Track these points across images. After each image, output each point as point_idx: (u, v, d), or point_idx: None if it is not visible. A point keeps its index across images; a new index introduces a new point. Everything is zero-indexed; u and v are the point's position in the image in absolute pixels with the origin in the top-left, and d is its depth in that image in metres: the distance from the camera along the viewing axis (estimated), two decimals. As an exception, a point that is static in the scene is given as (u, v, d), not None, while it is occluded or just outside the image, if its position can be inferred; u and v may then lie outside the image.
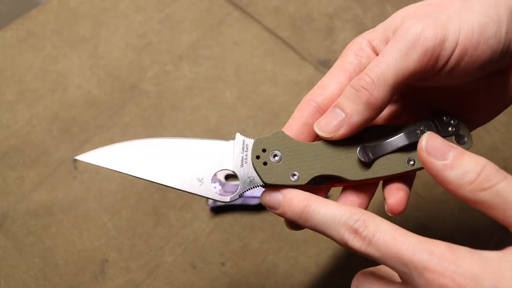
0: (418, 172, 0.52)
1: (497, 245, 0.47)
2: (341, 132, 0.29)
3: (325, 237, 0.49)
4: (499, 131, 0.53)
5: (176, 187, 0.29)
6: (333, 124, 0.29)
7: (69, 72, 0.56)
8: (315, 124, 0.30)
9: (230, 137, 0.53)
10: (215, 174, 0.48)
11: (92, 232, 0.48)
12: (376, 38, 0.30)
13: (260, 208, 0.49)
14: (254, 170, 0.29)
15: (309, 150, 0.30)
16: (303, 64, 0.57)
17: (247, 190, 0.30)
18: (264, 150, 0.30)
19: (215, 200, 0.30)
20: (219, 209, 0.49)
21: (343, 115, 0.28)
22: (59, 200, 0.49)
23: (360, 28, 0.58)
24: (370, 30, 0.31)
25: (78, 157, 0.30)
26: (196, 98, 0.55)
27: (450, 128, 0.32)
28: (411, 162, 0.31)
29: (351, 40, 0.32)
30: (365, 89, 0.27)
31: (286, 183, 0.29)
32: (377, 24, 0.31)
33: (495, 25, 0.27)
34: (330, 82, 0.31)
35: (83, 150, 0.51)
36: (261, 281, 0.46)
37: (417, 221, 0.48)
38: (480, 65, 0.28)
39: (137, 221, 0.48)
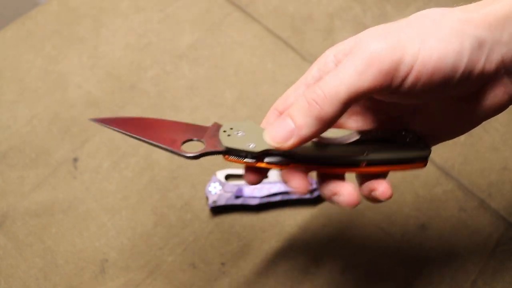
0: (418, 172, 0.52)
1: (497, 245, 0.47)
2: (290, 143, 0.29)
3: (325, 237, 0.49)
4: (498, 131, 0.53)
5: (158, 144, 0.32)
6: (282, 134, 0.29)
7: (69, 72, 0.56)
8: (264, 132, 0.31)
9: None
10: (214, 174, 0.49)
11: (92, 232, 0.48)
12: (341, 52, 0.31)
13: (260, 208, 0.49)
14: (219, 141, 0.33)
15: None
16: (303, 64, 0.57)
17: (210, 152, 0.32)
18: (231, 129, 0.34)
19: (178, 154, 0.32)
20: (219, 209, 0.49)
21: (293, 126, 0.28)
22: (59, 200, 0.49)
23: (360, 28, 0.58)
24: (341, 42, 0.31)
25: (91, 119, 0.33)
26: (196, 98, 0.55)
27: (407, 139, 0.33)
28: (365, 153, 0.32)
29: None
30: (316, 103, 0.27)
31: (243, 148, 0.32)
32: (377, 24, 0.31)
33: (455, 55, 0.27)
34: (291, 95, 0.32)
35: (83, 150, 0.52)
36: (261, 281, 0.46)
37: (417, 221, 0.48)
38: (435, 91, 0.28)
39: (137, 221, 0.48)
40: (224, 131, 0.34)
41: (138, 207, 0.49)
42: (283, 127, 0.29)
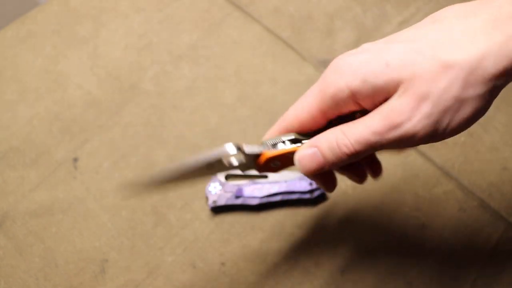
0: (418, 172, 0.52)
1: (496, 245, 0.47)
2: (314, 170, 0.34)
3: (325, 237, 0.49)
4: (498, 131, 0.53)
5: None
6: (313, 166, 0.33)
7: (69, 72, 0.56)
8: (296, 155, 0.34)
9: (229, 137, 0.53)
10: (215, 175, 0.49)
11: (92, 232, 0.48)
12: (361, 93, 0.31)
13: (260, 208, 0.49)
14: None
15: None
16: (303, 64, 0.57)
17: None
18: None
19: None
20: (219, 209, 0.49)
21: (322, 160, 0.33)
22: (59, 200, 0.49)
23: (360, 28, 0.58)
24: (359, 62, 0.31)
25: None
26: (196, 98, 0.55)
27: None
28: None
29: (351, 40, 0.33)
30: (346, 154, 0.32)
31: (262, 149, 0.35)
32: (377, 24, 0.31)
33: (482, 114, 0.29)
34: (302, 108, 0.35)
35: (83, 150, 0.52)
36: (261, 281, 0.46)
37: (417, 221, 0.48)
38: None
39: (137, 221, 0.48)
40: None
41: (138, 207, 0.49)
42: (314, 159, 0.33)
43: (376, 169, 0.39)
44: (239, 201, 0.48)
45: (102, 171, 0.51)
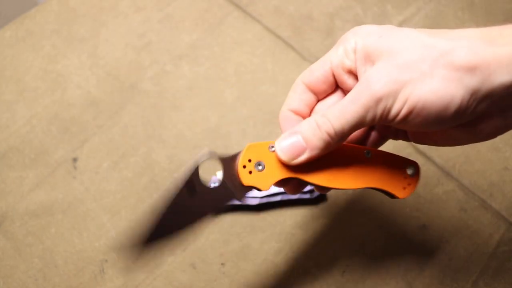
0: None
1: (498, 245, 0.47)
2: (300, 160, 0.32)
3: (325, 237, 0.49)
4: (499, 131, 0.53)
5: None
6: (295, 152, 0.32)
7: (69, 72, 0.56)
8: (276, 144, 0.33)
9: (229, 136, 0.52)
10: (214, 174, 0.48)
11: (91, 232, 0.47)
12: (363, 51, 0.32)
13: (260, 208, 0.49)
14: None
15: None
16: (303, 64, 0.57)
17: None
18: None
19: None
20: (219, 209, 0.48)
21: (305, 145, 0.32)
22: (59, 200, 0.49)
23: (360, 28, 0.58)
24: (367, 32, 0.33)
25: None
26: (196, 98, 0.55)
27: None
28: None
29: None
30: (328, 134, 0.31)
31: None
32: (377, 24, 0.33)
33: (446, 101, 0.29)
34: (317, 69, 0.35)
35: (82, 150, 0.51)
36: (261, 281, 0.46)
37: (417, 221, 0.48)
38: (427, 126, 0.31)
39: (137, 221, 0.48)
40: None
41: (138, 207, 0.49)
42: (295, 146, 0.32)
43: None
44: (239, 201, 0.48)
45: (102, 171, 0.50)
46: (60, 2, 0.60)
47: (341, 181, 0.34)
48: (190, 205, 0.33)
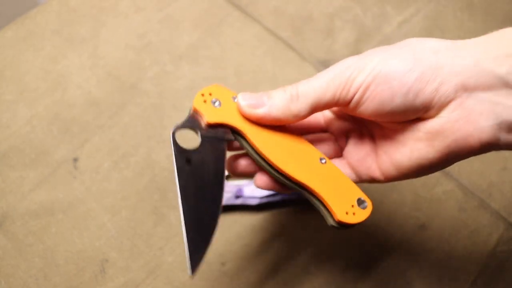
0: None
1: (497, 245, 0.47)
2: (257, 112, 0.34)
3: (325, 237, 0.49)
4: (499, 131, 0.53)
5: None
6: (255, 103, 0.34)
7: (69, 72, 0.56)
8: (240, 95, 0.35)
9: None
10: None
11: (92, 232, 0.48)
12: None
13: (260, 208, 0.49)
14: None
15: None
16: (303, 64, 0.57)
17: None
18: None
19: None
20: (219, 209, 0.49)
21: (267, 101, 0.34)
22: (59, 200, 0.49)
23: (360, 28, 0.58)
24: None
25: None
26: (196, 98, 0.55)
27: None
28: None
29: (351, 40, 0.34)
30: (292, 98, 0.33)
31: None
32: (377, 24, 0.33)
33: (404, 72, 0.30)
34: None
35: (83, 150, 0.51)
36: (261, 281, 0.46)
37: (417, 221, 0.48)
38: (385, 107, 0.31)
39: (137, 221, 0.48)
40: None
41: (138, 207, 0.49)
42: (260, 100, 0.34)
43: None
44: (239, 201, 0.48)
45: (102, 171, 0.51)
46: (60, 2, 0.61)
47: (283, 161, 0.34)
48: (197, 174, 0.33)
